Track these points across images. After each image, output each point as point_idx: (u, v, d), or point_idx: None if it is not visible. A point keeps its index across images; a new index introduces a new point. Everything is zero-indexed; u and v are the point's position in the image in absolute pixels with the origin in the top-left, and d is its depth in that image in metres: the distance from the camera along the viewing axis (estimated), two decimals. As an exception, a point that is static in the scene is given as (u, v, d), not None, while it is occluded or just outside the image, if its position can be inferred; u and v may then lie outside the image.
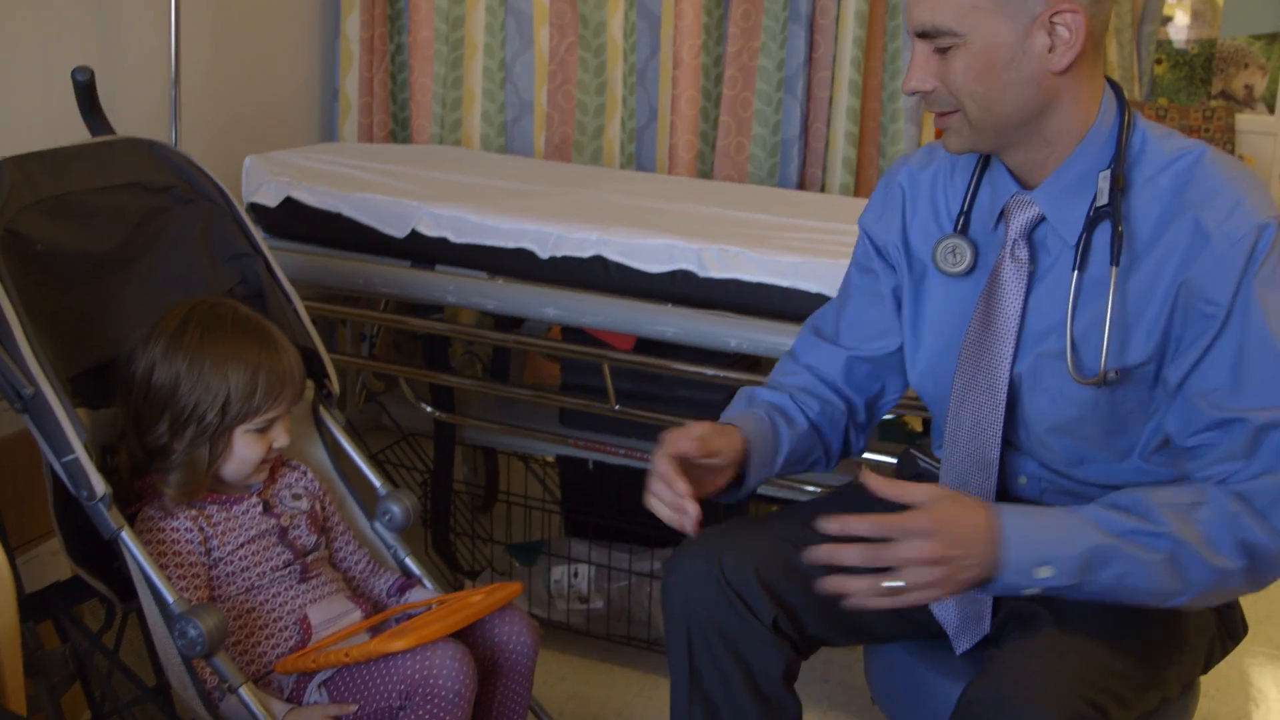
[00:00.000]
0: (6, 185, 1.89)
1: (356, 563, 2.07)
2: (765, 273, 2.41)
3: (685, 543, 1.81)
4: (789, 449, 1.84)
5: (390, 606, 2.04)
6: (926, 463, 1.95)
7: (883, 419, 2.02)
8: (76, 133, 2.16)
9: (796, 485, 2.59)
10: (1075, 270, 1.64)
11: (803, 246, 2.46)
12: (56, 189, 1.97)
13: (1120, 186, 1.61)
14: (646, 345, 2.59)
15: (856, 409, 1.92)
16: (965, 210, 1.76)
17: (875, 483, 1.54)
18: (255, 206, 2.76)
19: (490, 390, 3.00)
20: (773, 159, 3.29)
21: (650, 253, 2.48)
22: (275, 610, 1.90)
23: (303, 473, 2.05)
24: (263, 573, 1.91)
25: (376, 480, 2.15)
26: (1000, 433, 1.72)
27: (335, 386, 2.17)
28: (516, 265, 2.59)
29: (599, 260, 2.52)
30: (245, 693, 1.76)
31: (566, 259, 2.54)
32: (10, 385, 1.77)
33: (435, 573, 2.18)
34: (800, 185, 3.32)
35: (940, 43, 1.59)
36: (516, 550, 3.02)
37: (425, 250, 2.65)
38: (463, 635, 1.89)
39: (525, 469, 3.24)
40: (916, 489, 1.54)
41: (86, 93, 2.14)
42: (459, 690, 1.79)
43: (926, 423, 2.73)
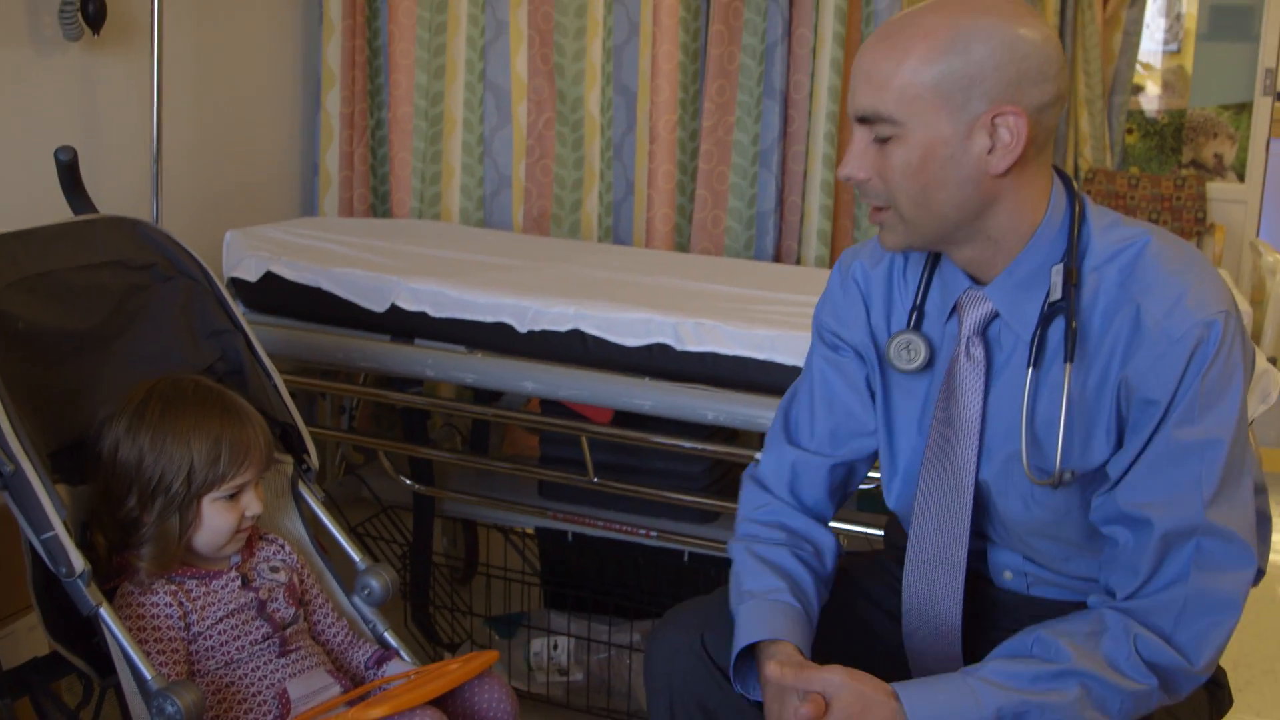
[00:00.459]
0: (-11, 264, 1.91)
1: (335, 635, 2.07)
2: (742, 346, 2.43)
3: (668, 614, 1.81)
4: (816, 623, 1.76)
5: (369, 679, 2.04)
6: None
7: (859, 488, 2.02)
8: (59, 211, 2.18)
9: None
10: (1030, 367, 1.62)
11: (779, 320, 2.48)
12: (39, 267, 1.99)
13: (1074, 281, 1.59)
14: (624, 418, 2.61)
15: (828, 514, 1.87)
16: (918, 305, 1.73)
17: (777, 673, 1.55)
18: (236, 281, 2.78)
19: (469, 463, 3.01)
20: (749, 232, 3.33)
21: (628, 326, 2.51)
22: (254, 685, 1.90)
23: (280, 545, 2.06)
24: (241, 646, 1.91)
25: (355, 555, 2.15)
26: (967, 535, 1.70)
27: (314, 461, 2.19)
28: (495, 339, 2.61)
29: (577, 334, 2.54)
30: (223, 769, 1.77)
31: (545, 333, 2.56)
32: (-10, 463, 1.78)
33: (414, 646, 2.18)
34: (776, 258, 3.35)
35: (880, 130, 1.57)
36: (496, 623, 3.02)
37: (404, 324, 2.67)
38: (442, 704, 1.89)
39: (505, 541, 3.25)
40: (819, 678, 1.55)
41: (69, 172, 2.17)
42: (437, 760, 1.79)
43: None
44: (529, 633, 2.91)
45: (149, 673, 1.76)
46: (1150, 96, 6.69)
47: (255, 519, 1.95)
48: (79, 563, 1.78)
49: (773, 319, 2.48)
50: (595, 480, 2.64)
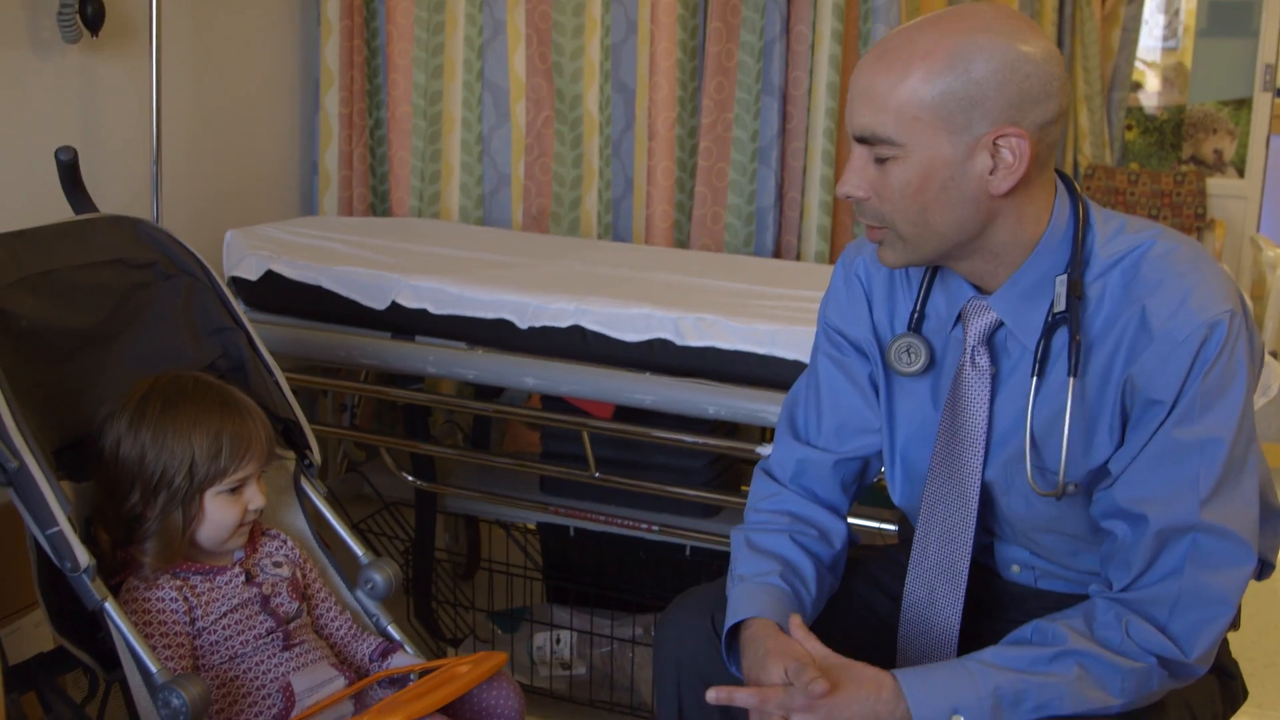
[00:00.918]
0: (-9, 263, 1.92)
1: (339, 628, 2.08)
2: (742, 340, 2.44)
3: (678, 599, 1.82)
4: (814, 606, 1.77)
5: (373, 672, 2.05)
6: None
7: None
8: (60, 211, 2.19)
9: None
10: (1035, 377, 1.61)
11: (780, 314, 2.49)
12: (40, 266, 2.00)
13: (1078, 294, 1.58)
14: (625, 413, 2.62)
15: (842, 506, 1.87)
16: (919, 309, 1.73)
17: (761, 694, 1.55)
18: (236, 280, 2.79)
19: (471, 459, 3.02)
20: (749, 228, 3.34)
21: (628, 322, 2.51)
22: (259, 679, 1.91)
23: (282, 541, 2.07)
24: (245, 641, 1.92)
25: (358, 549, 2.16)
26: (970, 545, 1.70)
27: (316, 456, 2.20)
28: (496, 335, 2.62)
29: (577, 330, 2.55)
30: (228, 762, 1.78)
31: (545, 329, 2.57)
32: (-6, 459, 1.79)
33: (418, 641, 2.19)
34: (776, 254, 3.36)
35: (879, 151, 1.55)
36: (499, 617, 3.03)
37: (405, 322, 2.68)
38: (450, 704, 1.90)
39: (507, 537, 3.26)
40: (800, 647, 1.56)
41: (70, 172, 2.18)
42: (445, 765, 1.80)
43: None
44: (531, 627, 2.92)
45: (154, 666, 1.77)
46: (1149, 93, 6.69)
47: (258, 512, 1.96)
48: (84, 557, 1.79)
49: (773, 313, 2.49)
50: (597, 475, 2.65)
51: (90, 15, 2.67)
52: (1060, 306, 1.59)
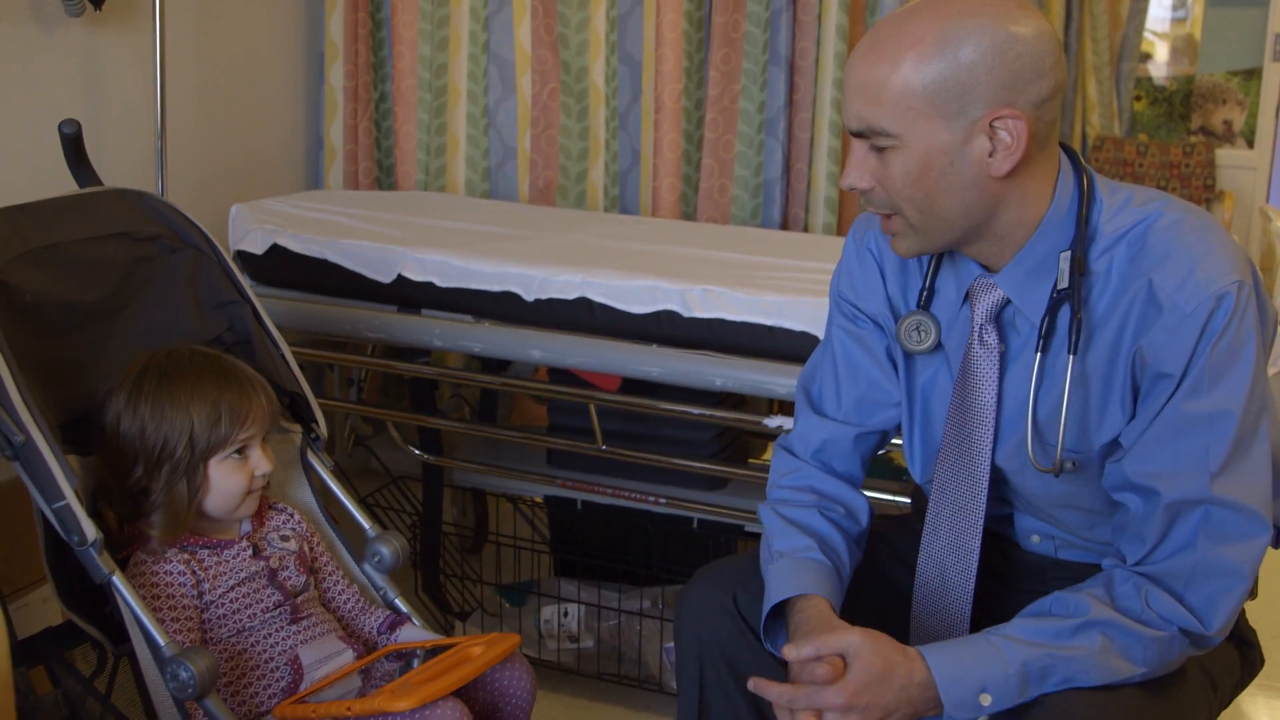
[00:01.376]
0: (-4, 237, 1.92)
1: (346, 601, 2.08)
2: (750, 312, 2.43)
3: (699, 573, 1.81)
4: (846, 582, 1.76)
5: (381, 645, 2.05)
6: None
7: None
8: (64, 184, 2.19)
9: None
10: (1039, 353, 1.62)
11: (787, 285, 2.48)
12: (45, 240, 2.00)
13: (1081, 271, 1.58)
14: (632, 385, 2.61)
15: (859, 480, 1.87)
16: (928, 285, 1.73)
17: (794, 653, 1.55)
18: (242, 254, 2.78)
19: (478, 432, 3.02)
20: (755, 200, 3.33)
21: (635, 294, 2.51)
22: (266, 651, 1.91)
23: (289, 514, 2.07)
24: (253, 614, 1.92)
25: (365, 522, 2.16)
26: (981, 525, 1.70)
27: (323, 430, 2.19)
28: (502, 308, 2.61)
29: (584, 302, 2.54)
30: (237, 734, 1.78)
31: (552, 301, 2.56)
32: (1, 433, 1.79)
33: (425, 614, 2.19)
34: (783, 226, 3.35)
35: (877, 142, 1.56)
36: (506, 591, 3.03)
37: (411, 295, 2.67)
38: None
39: (514, 510, 3.26)
40: (837, 640, 1.55)
41: (73, 145, 2.17)
42: (458, 750, 1.79)
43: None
44: (539, 600, 2.92)
45: (162, 639, 1.77)
46: (1158, 63, 6.67)
47: (266, 478, 1.96)
48: (91, 531, 1.79)
49: (780, 285, 2.48)
50: (603, 448, 2.65)
51: (93, -12, 2.67)
52: (1064, 283, 1.59)
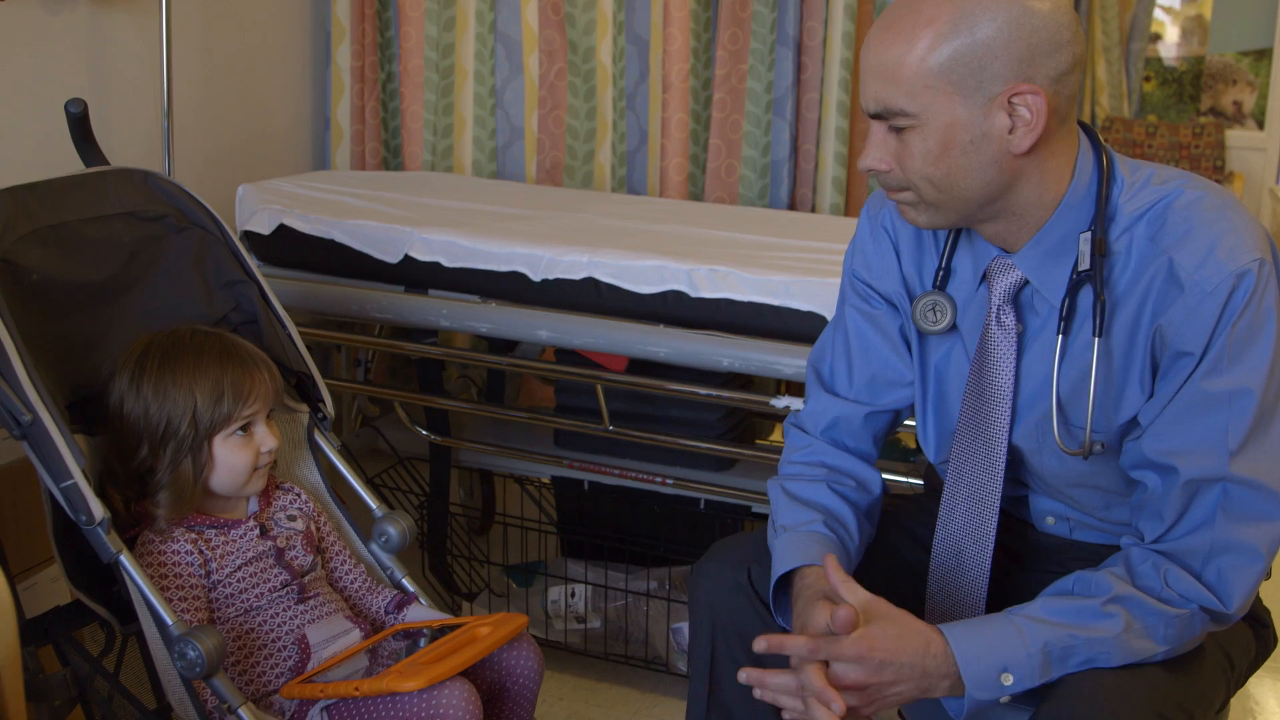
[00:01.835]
0: (2, 216, 1.92)
1: (353, 581, 2.08)
2: (757, 292, 2.42)
3: (713, 548, 1.82)
4: (856, 554, 1.77)
5: (388, 624, 2.05)
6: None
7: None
8: (70, 164, 2.18)
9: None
10: (1060, 335, 1.61)
11: (794, 266, 2.48)
12: (51, 219, 1.99)
13: (1101, 251, 1.56)
14: (639, 366, 2.61)
15: (873, 456, 1.87)
16: (944, 265, 1.72)
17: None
18: (249, 234, 2.78)
19: (485, 413, 3.02)
20: (763, 180, 3.32)
21: (642, 274, 2.50)
22: (274, 631, 1.91)
23: (296, 494, 2.07)
24: (261, 594, 1.92)
25: (372, 502, 2.16)
26: (997, 508, 1.69)
27: (330, 410, 2.19)
28: (509, 288, 2.61)
29: (591, 282, 2.54)
30: (245, 713, 1.78)
31: (559, 281, 2.56)
32: (8, 412, 1.80)
33: (432, 595, 2.19)
34: (791, 206, 3.34)
35: (895, 123, 1.55)
36: (513, 571, 3.03)
37: (418, 275, 2.67)
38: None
39: (521, 491, 3.26)
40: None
41: (80, 124, 2.17)
42: (465, 729, 1.79)
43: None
44: (546, 581, 2.93)
45: (170, 618, 1.77)
46: (1168, 44, 6.64)
47: (272, 454, 1.96)
48: (98, 510, 1.79)
49: (787, 265, 2.48)
50: (611, 429, 2.65)
51: (99, -33, 2.66)
52: (1085, 264, 1.57)
